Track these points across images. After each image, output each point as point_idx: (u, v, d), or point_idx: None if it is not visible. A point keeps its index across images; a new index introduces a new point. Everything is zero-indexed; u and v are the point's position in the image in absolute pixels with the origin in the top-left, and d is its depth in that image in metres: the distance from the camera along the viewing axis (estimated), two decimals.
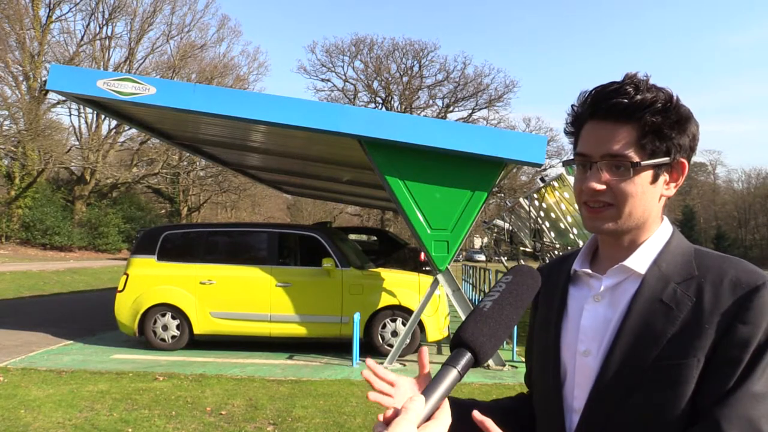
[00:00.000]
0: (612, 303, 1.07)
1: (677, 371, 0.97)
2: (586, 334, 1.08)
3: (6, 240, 30.94)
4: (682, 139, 1.04)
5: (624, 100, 1.02)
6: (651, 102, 1.01)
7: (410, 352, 8.29)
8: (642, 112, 1.01)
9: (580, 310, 1.11)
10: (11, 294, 15.74)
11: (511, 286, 0.95)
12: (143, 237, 9.21)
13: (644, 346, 0.99)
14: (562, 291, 1.16)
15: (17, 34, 31.01)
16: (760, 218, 60.93)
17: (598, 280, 1.10)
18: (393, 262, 13.88)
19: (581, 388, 1.07)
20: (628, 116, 1.02)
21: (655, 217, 1.09)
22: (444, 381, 0.84)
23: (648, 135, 1.02)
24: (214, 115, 7.47)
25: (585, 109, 1.08)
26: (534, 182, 31.37)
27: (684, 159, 1.06)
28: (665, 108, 1.02)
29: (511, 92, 60.95)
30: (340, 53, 50.04)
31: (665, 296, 1.02)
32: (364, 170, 10.27)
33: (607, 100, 1.04)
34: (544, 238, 13.80)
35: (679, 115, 1.03)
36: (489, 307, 0.92)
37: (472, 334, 0.88)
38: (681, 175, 1.07)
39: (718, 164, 72.22)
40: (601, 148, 1.04)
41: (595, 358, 1.05)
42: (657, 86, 1.04)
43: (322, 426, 5.24)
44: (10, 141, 30.64)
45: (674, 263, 1.05)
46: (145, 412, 5.55)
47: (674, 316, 0.99)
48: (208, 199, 46.38)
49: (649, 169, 1.03)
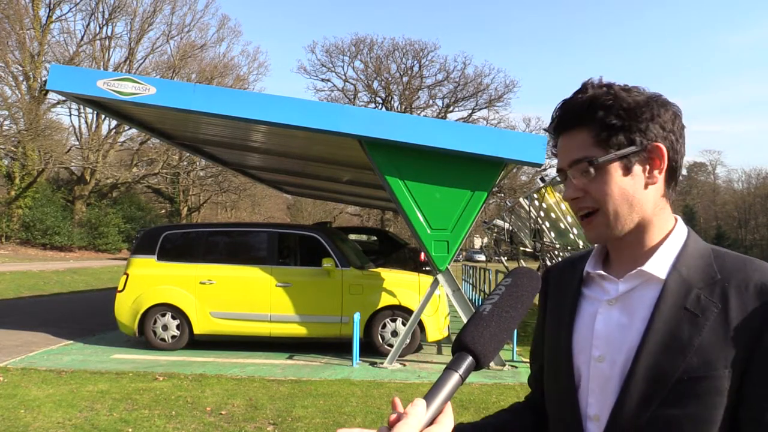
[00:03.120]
0: (627, 308, 1.05)
1: (708, 383, 0.95)
2: (600, 339, 1.06)
3: (6, 240, 30.95)
4: (643, 125, 1.02)
5: (570, 108, 1.06)
6: (591, 101, 1.03)
7: (410, 352, 8.29)
8: (587, 112, 1.03)
9: (593, 314, 1.09)
10: (11, 294, 15.74)
11: (511, 289, 0.95)
12: (143, 237, 9.21)
13: (671, 356, 0.97)
14: (574, 293, 1.14)
15: (17, 34, 31.01)
16: (760, 218, 60.95)
17: (613, 284, 1.08)
18: (393, 262, 13.87)
19: (595, 395, 1.05)
20: (579, 120, 1.05)
21: (656, 211, 1.06)
22: (446, 385, 0.84)
23: (602, 131, 1.03)
24: (214, 115, 7.47)
25: (551, 128, 1.12)
26: (534, 182, 31.40)
27: (659, 143, 1.03)
28: (608, 102, 1.03)
29: (511, 92, 61.01)
30: (340, 53, 50.09)
31: (689, 303, 0.99)
32: (364, 170, 10.28)
33: (558, 113, 1.08)
34: (544, 238, 13.80)
35: (626, 103, 1.02)
36: (489, 311, 0.92)
37: (473, 337, 0.88)
38: (661, 159, 1.04)
39: (718, 164, 72.30)
40: (567, 157, 1.07)
41: (610, 365, 1.03)
42: (603, 84, 1.06)
43: (322, 426, 5.24)
44: (10, 141, 30.65)
45: (694, 266, 1.03)
46: (145, 412, 5.55)
47: (700, 324, 0.97)
48: (208, 199, 46.40)
49: (613, 162, 1.02)
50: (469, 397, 6.20)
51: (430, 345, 9.25)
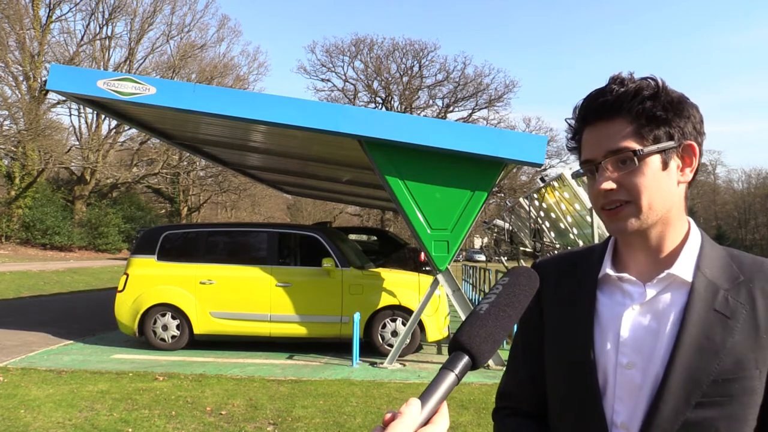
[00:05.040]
0: (655, 313, 1.02)
1: (741, 384, 0.95)
2: (627, 345, 1.03)
3: (6, 240, 30.95)
4: (682, 122, 1.02)
5: (609, 97, 1.03)
6: (636, 91, 1.01)
7: (410, 352, 8.30)
8: (630, 102, 1.01)
9: (615, 318, 1.05)
10: (11, 294, 15.74)
11: (508, 288, 0.94)
12: (143, 237, 9.20)
13: (706, 359, 0.97)
14: (590, 296, 1.09)
15: (17, 34, 31.01)
16: (760, 218, 60.96)
17: (637, 287, 1.05)
18: (393, 262, 13.87)
19: (623, 402, 1.02)
20: (618, 110, 1.02)
21: (679, 211, 1.05)
22: (441, 385, 0.83)
23: (643, 123, 1.01)
24: (214, 115, 7.47)
25: (578, 118, 1.08)
26: (534, 182, 31.39)
27: (692, 141, 1.03)
28: (654, 94, 1.01)
29: (511, 92, 61.09)
30: (340, 53, 50.10)
31: (718, 305, 0.99)
32: (364, 170, 10.28)
33: (594, 102, 1.04)
34: (544, 238, 13.80)
35: (670, 97, 1.02)
36: (485, 310, 0.90)
37: (469, 337, 0.87)
38: (694, 158, 1.04)
39: (718, 164, 72.20)
40: (601, 148, 1.03)
41: (642, 372, 1.01)
42: (644, 76, 1.04)
43: (322, 426, 5.24)
44: (10, 141, 30.65)
45: (717, 268, 1.03)
46: (145, 412, 5.55)
47: (731, 326, 0.97)
48: (208, 199, 46.41)
49: (654, 154, 1.01)
50: (469, 397, 6.20)
51: (430, 345, 9.25)
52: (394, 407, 5.82)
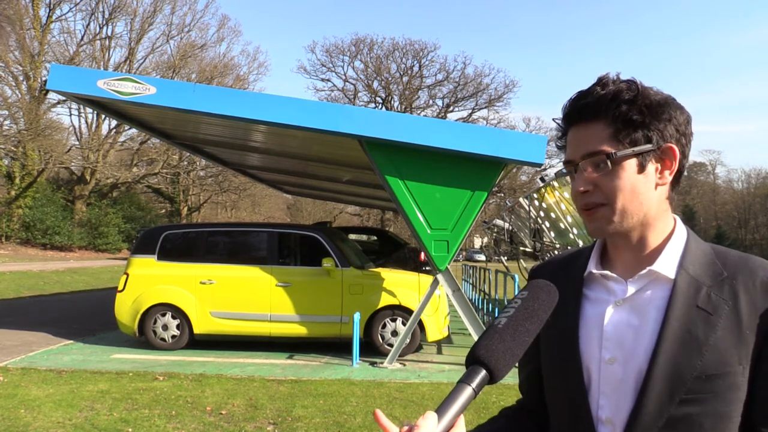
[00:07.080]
0: (637, 309, 1.04)
1: (725, 380, 0.96)
2: (610, 341, 1.04)
3: (6, 240, 30.95)
4: (661, 124, 1.03)
5: (590, 99, 1.04)
6: (615, 94, 1.02)
7: (410, 351, 8.30)
8: (608, 105, 1.02)
9: (599, 315, 1.07)
10: (11, 294, 15.74)
11: (527, 302, 0.93)
12: (143, 237, 9.21)
13: (689, 355, 0.98)
14: (575, 294, 1.12)
15: (17, 34, 31.00)
16: (760, 218, 60.97)
17: (620, 284, 1.07)
18: (393, 262, 13.86)
19: (607, 397, 1.04)
20: (597, 113, 1.04)
21: (660, 212, 1.06)
22: (458, 399, 0.82)
23: (620, 126, 1.02)
24: (214, 115, 7.47)
25: (563, 119, 1.10)
26: (534, 182, 31.36)
27: (672, 144, 1.04)
28: (632, 98, 1.02)
29: (511, 92, 61.14)
30: (340, 53, 50.13)
31: (700, 301, 1.00)
32: (364, 170, 10.27)
33: (577, 103, 1.06)
34: (544, 238, 13.80)
35: (648, 101, 1.02)
36: (504, 324, 0.90)
37: (487, 351, 0.86)
38: (673, 161, 1.04)
39: (718, 164, 72.27)
40: (580, 149, 1.05)
41: (623, 367, 1.02)
42: (625, 79, 1.05)
43: (322, 426, 5.24)
44: (10, 141, 30.66)
45: (700, 265, 1.03)
46: (145, 411, 5.55)
47: (713, 322, 0.98)
48: (208, 199, 46.40)
49: (629, 158, 1.02)
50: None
51: (430, 345, 9.26)
52: (395, 407, 5.82)
